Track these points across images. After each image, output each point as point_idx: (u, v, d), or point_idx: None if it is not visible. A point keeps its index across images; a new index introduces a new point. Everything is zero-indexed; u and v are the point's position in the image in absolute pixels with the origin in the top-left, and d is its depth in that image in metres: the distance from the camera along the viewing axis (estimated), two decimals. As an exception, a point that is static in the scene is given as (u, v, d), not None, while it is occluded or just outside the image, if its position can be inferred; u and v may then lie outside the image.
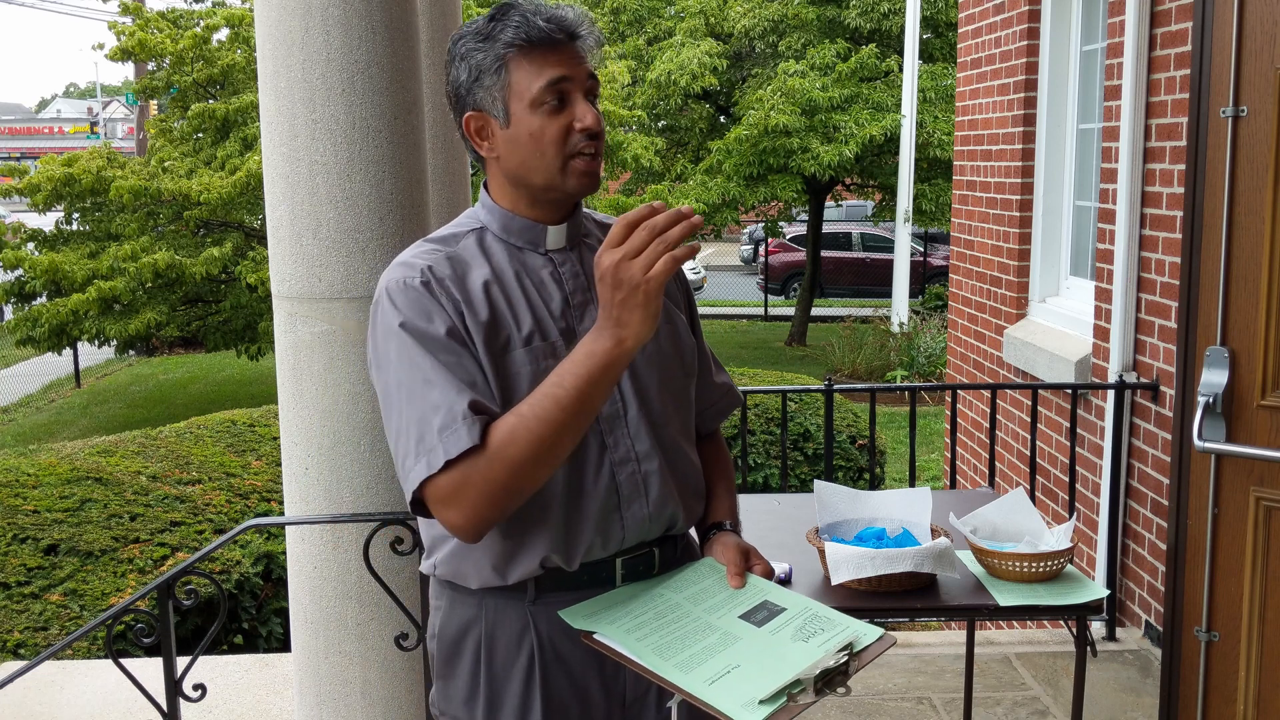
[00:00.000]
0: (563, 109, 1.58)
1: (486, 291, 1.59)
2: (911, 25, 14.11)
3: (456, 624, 1.69)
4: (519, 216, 1.65)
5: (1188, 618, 3.00)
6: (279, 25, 2.45)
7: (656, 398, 1.69)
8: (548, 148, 1.58)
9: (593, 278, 1.64)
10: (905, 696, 3.63)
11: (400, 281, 1.57)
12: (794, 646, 1.49)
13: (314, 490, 2.57)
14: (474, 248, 1.64)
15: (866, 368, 13.33)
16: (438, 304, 1.55)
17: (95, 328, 11.25)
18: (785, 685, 1.41)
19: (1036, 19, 4.93)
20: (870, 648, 1.51)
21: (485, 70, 1.58)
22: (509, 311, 1.60)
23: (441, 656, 1.72)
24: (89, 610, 4.29)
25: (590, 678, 1.68)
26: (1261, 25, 2.71)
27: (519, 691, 1.67)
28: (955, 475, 4.48)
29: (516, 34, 1.56)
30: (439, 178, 3.40)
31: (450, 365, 1.53)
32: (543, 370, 1.57)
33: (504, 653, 1.67)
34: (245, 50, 12.65)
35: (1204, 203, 2.87)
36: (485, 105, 1.60)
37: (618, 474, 1.65)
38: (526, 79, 1.57)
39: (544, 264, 1.66)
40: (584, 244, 1.71)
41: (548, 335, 1.61)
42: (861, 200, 21.83)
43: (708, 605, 1.61)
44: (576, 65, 1.58)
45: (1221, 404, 2.83)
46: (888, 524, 2.51)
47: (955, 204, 6.00)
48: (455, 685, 1.71)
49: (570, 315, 1.64)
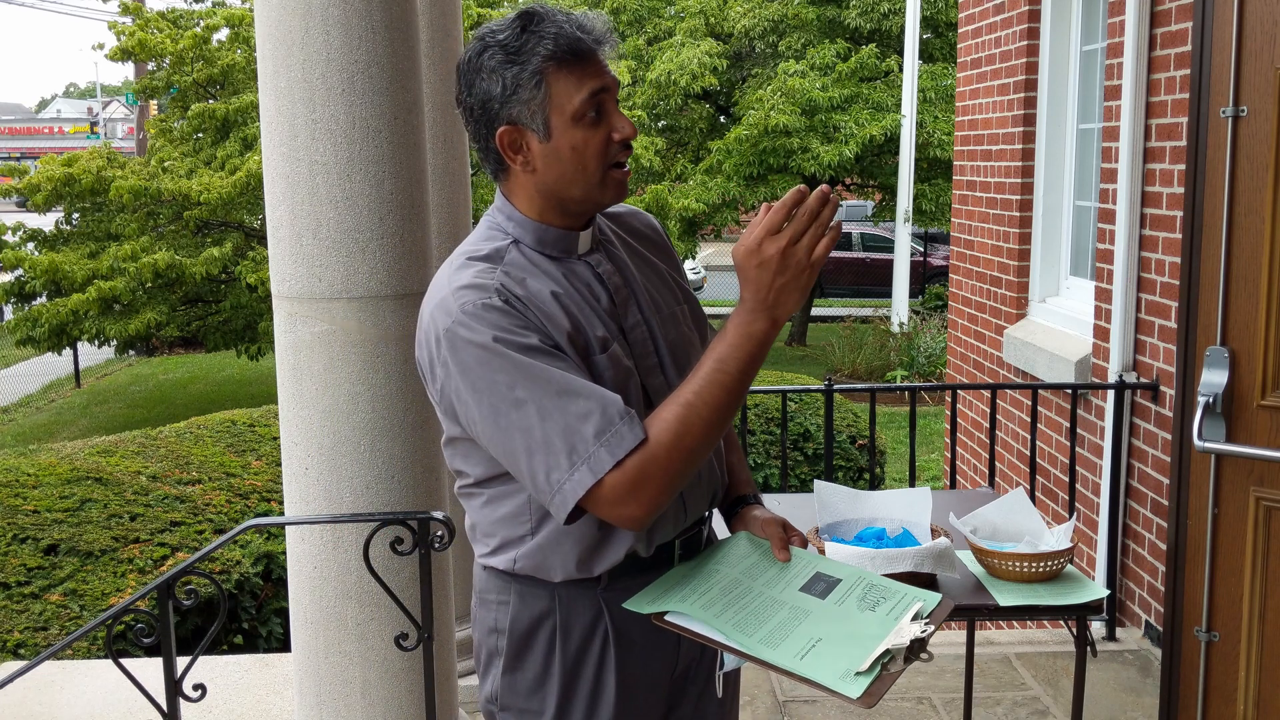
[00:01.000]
0: (600, 120, 1.58)
1: (559, 303, 1.58)
2: (911, 25, 14.11)
3: (529, 617, 1.69)
4: (552, 228, 1.64)
5: (1188, 618, 3.00)
6: (279, 25, 2.45)
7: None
8: (590, 161, 1.58)
9: (626, 273, 1.69)
10: (905, 696, 3.63)
11: (477, 304, 1.52)
12: (864, 617, 1.54)
13: (314, 490, 2.57)
14: (522, 262, 1.62)
15: (866, 368, 13.33)
16: (525, 320, 1.53)
17: (95, 328, 11.25)
18: (878, 657, 1.46)
19: (1036, 19, 4.93)
20: (935, 611, 1.56)
21: (523, 84, 1.55)
22: (583, 319, 1.60)
23: (511, 649, 1.71)
24: (89, 610, 4.29)
25: (655, 657, 1.72)
26: (1261, 25, 2.71)
27: (592, 676, 1.69)
28: (955, 475, 4.48)
29: (556, 46, 1.54)
30: (439, 178, 3.40)
31: (576, 371, 1.53)
32: (624, 370, 1.61)
33: (579, 640, 1.69)
34: (245, 50, 12.65)
35: (1204, 203, 2.87)
36: (523, 120, 1.57)
37: None
38: (567, 92, 1.55)
39: (585, 269, 1.67)
40: (604, 242, 1.73)
41: (614, 337, 1.63)
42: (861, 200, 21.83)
43: (765, 580, 1.63)
44: (606, 75, 1.59)
45: (1221, 404, 2.83)
46: (888, 524, 2.51)
47: (955, 204, 6.00)
48: (524, 677, 1.71)
49: (616, 315, 1.67)
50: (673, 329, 1.72)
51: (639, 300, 1.69)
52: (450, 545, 2.38)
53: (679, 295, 1.76)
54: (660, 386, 1.67)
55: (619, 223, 1.79)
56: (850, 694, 1.42)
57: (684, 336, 1.73)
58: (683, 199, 14.03)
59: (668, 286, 1.76)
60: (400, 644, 2.49)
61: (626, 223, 1.81)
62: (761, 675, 3.76)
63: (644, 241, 1.80)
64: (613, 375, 1.59)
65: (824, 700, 3.61)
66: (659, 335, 1.69)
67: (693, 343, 1.74)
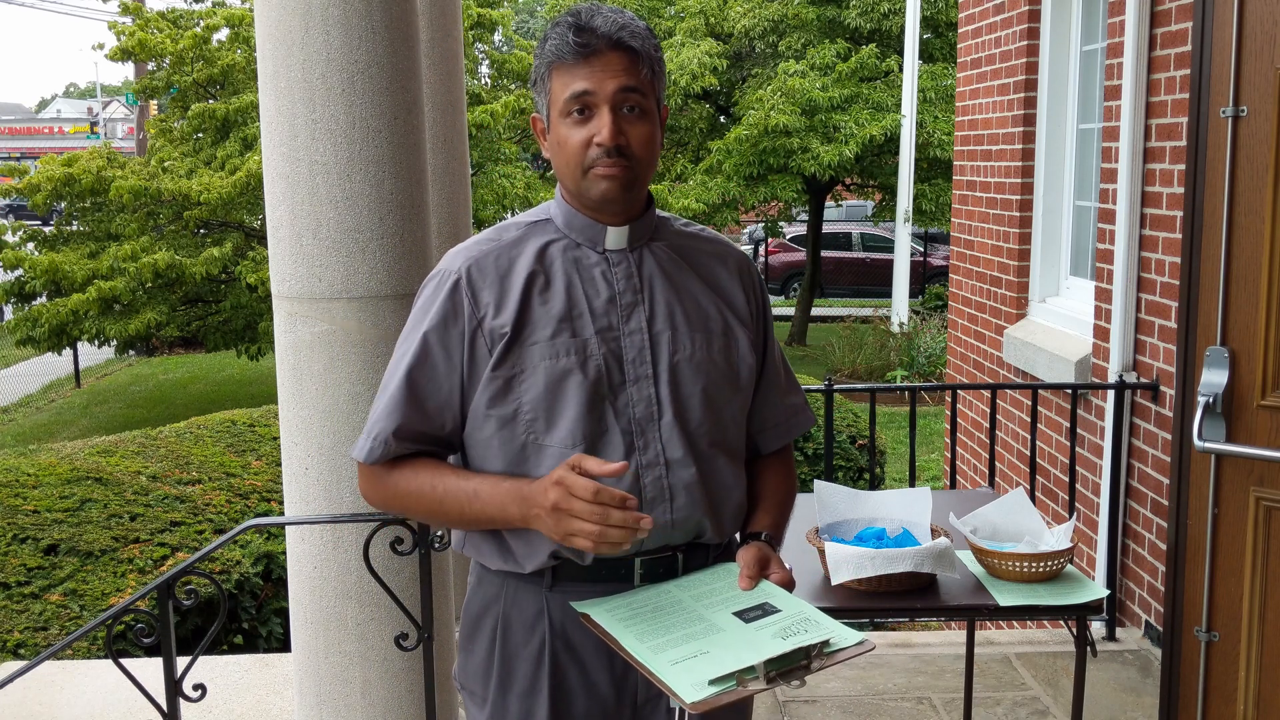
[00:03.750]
0: (588, 119, 1.62)
1: (527, 283, 1.67)
2: (911, 25, 14.10)
3: (480, 600, 1.76)
4: (580, 214, 1.71)
5: (1188, 618, 3.00)
6: (279, 25, 2.45)
7: (697, 406, 1.70)
8: (570, 157, 1.65)
9: (648, 280, 1.71)
10: (905, 696, 3.63)
11: (442, 274, 1.70)
12: (771, 643, 1.50)
13: (314, 490, 2.57)
14: (533, 239, 1.71)
15: (866, 368, 13.33)
16: (457, 307, 1.67)
17: (95, 328, 11.25)
18: (738, 670, 1.44)
19: (1036, 19, 4.93)
20: (844, 650, 1.52)
21: (537, 80, 1.68)
22: (541, 305, 1.66)
23: (464, 630, 1.79)
24: (89, 610, 4.28)
25: (600, 671, 1.71)
26: (1261, 25, 2.71)
27: (529, 673, 1.71)
28: (955, 475, 4.48)
29: (554, 48, 1.63)
30: (439, 178, 3.40)
31: (421, 378, 1.68)
32: (560, 368, 1.63)
33: (518, 634, 1.72)
34: (245, 50, 12.65)
35: (1204, 203, 2.87)
36: (540, 109, 1.70)
37: (643, 476, 1.67)
38: (559, 90, 1.64)
39: (598, 262, 1.70)
40: (648, 247, 1.74)
41: (579, 332, 1.65)
42: (861, 200, 21.82)
43: (708, 602, 1.62)
44: (606, 78, 1.61)
45: (1221, 404, 2.83)
46: (888, 524, 2.51)
47: (955, 204, 6.00)
48: (473, 660, 1.77)
49: (614, 314, 1.68)
50: (688, 352, 1.70)
51: (654, 311, 1.69)
52: (450, 545, 2.38)
53: (720, 328, 1.74)
54: (647, 399, 1.67)
55: (689, 243, 1.79)
56: (684, 697, 1.40)
57: (700, 365, 1.71)
58: (683, 199, 14.03)
59: (707, 315, 1.74)
60: (400, 644, 2.49)
61: (698, 248, 1.79)
62: (761, 675, 3.76)
63: (706, 270, 1.78)
64: (546, 366, 1.64)
65: (824, 700, 3.61)
66: (663, 351, 1.69)
67: (712, 374, 1.72)
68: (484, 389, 1.65)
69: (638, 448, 1.66)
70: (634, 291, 1.69)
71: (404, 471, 1.70)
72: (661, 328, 1.69)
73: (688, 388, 1.69)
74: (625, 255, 1.71)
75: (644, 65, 1.63)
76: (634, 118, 1.63)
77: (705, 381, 1.70)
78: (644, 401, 1.67)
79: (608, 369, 1.65)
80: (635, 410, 1.66)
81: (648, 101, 1.64)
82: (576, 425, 1.63)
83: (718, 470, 1.73)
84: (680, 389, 1.68)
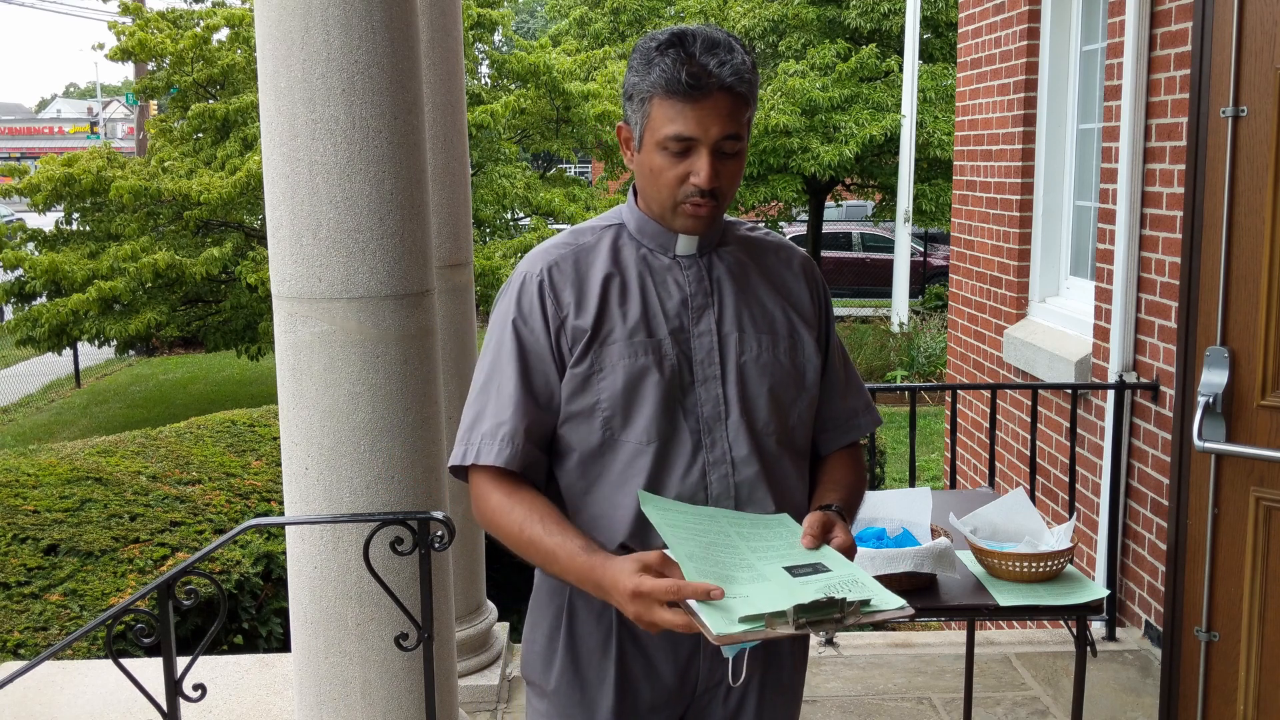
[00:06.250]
0: (685, 157, 1.65)
1: (604, 286, 1.71)
2: (911, 25, 14.11)
3: (546, 590, 1.79)
4: (652, 221, 1.74)
5: (1188, 618, 3.00)
6: (279, 25, 2.45)
7: (764, 406, 1.73)
8: (663, 188, 1.68)
9: (717, 284, 1.75)
10: (905, 696, 3.63)
11: (524, 276, 1.74)
12: (804, 590, 1.51)
13: (314, 490, 2.57)
14: (607, 243, 1.76)
15: (866, 368, 13.33)
16: (543, 306, 1.71)
17: (95, 328, 11.25)
18: (768, 612, 1.44)
19: (1036, 19, 4.93)
20: (882, 611, 1.52)
21: (635, 96, 1.68)
22: (619, 306, 1.71)
23: (529, 620, 1.82)
24: (89, 610, 4.28)
25: (665, 661, 1.74)
26: (1261, 25, 2.71)
27: (594, 664, 1.74)
28: (955, 475, 4.48)
29: (661, 79, 1.62)
30: (439, 178, 3.39)
31: (530, 370, 1.69)
32: (638, 366, 1.68)
33: (585, 624, 1.74)
34: (245, 50, 12.65)
35: (1204, 203, 2.87)
36: (631, 123, 1.70)
37: (710, 474, 1.70)
38: (660, 122, 1.64)
39: (670, 266, 1.75)
40: (716, 252, 1.77)
41: (655, 332, 1.70)
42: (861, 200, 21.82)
43: (762, 554, 1.61)
44: (711, 123, 1.62)
45: (1221, 404, 2.83)
46: (888, 524, 2.51)
47: (955, 204, 6.00)
48: (535, 649, 1.80)
49: (686, 316, 1.72)
50: (754, 353, 1.73)
51: (722, 314, 1.73)
52: (450, 545, 2.38)
53: (786, 330, 1.77)
54: (715, 399, 1.71)
55: (754, 247, 1.82)
56: (712, 629, 1.42)
57: (766, 366, 1.74)
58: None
59: (773, 317, 1.77)
60: (400, 644, 2.49)
61: (763, 251, 1.83)
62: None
63: (772, 273, 1.81)
64: (626, 364, 1.68)
65: (824, 700, 3.61)
66: (730, 352, 1.72)
67: (778, 375, 1.75)
68: (565, 385, 1.70)
69: (705, 446, 1.70)
70: (705, 294, 1.74)
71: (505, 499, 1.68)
72: (730, 329, 1.73)
73: (754, 388, 1.73)
74: (695, 260, 1.75)
75: (748, 107, 1.66)
76: (729, 158, 1.66)
77: (771, 382, 1.74)
78: (712, 401, 1.71)
79: (679, 368, 1.70)
80: (703, 409, 1.70)
81: (744, 141, 1.67)
82: (652, 423, 1.68)
83: (783, 469, 1.76)
84: (747, 389, 1.72)
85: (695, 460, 1.69)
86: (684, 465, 1.69)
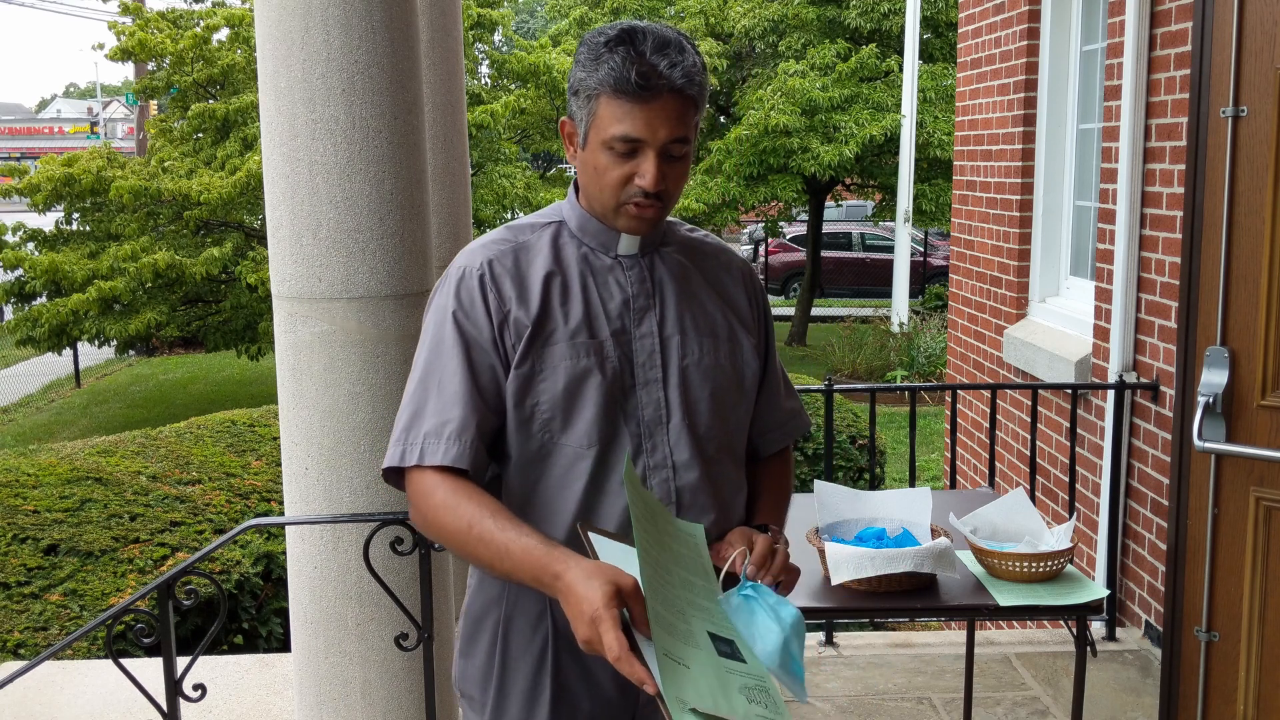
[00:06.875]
0: (631, 158, 1.61)
1: (545, 284, 1.67)
2: (911, 25, 14.10)
3: (481, 602, 1.74)
4: (594, 219, 1.71)
5: (1188, 618, 3.00)
6: (279, 25, 2.45)
7: (705, 410, 1.71)
8: (607, 188, 1.64)
9: (659, 285, 1.72)
10: (905, 696, 3.63)
11: (463, 270, 1.68)
12: (736, 696, 1.47)
13: (314, 490, 2.57)
14: (547, 240, 1.71)
15: (866, 368, 13.33)
16: (485, 299, 1.65)
17: (95, 328, 11.25)
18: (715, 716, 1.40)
19: (1036, 19, 4.93)
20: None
21: (581, 92, 1.62)
22: (561, 306, 1.66)
23: (465, 633, 1.77)
24: (89, 610, 4.28)
25: (604, 671, 1.70)
26: (1261, 25, 2.71)
27: (530, 676, 1.69)
28: (955, 475, 4.48)
29: (609, 76, 1.58)
30: (439, 178, 3.40)
31: (475, 364, 1.63)
32: (580, 368, 1.63)
33: (521, 636, 1.70)
34: (245, 50, 12.65)
35: (1204, 203, 2.87)
36: (576, 119, 1.66)
37: (650, 479, 1.67)
38: (607, 121, 1.60)
39: (611, 266, 1.71)
40: (658, 252, 1.75)
41: (597, 334, 1.66)
42: (861, 200, 21.82)
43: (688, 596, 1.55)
44: (660, 125, 1.58)
45: (1221, 404, 2.83)
46: (888, 524, 2.51)
47: (955, 204, 6.00)
48: (473, 664, 1.75)
49: (628, 317, 1.69)
50: (696, 357, 1.71)
51: (664, 316, 1.71)
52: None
53: (727, 334, 1.75)
54: (656, 402, 1.68)
55: (695, 250, 1.80)
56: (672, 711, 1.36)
57: (708, 370, 1.71)
58: (683, 199, 14.04)
59: (713, 321, 1.75)
60: (400, 644, 2.49)
61: (703, 253, 1.81)
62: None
63: (712, 276, 1.79)
64: (568, 365, 1.64)
65: (824, 700, 3.61)
66: (673, 355, 1.69)
67: (719, 379, 1.72)
68: (507, 385, 1.65)
69: (645, 450, 1.67)
70: (647, 296, 1.70)
71: (451, 495, 1.59)
72: (671, 332, 1.70)
73: (696, 391, 1.70)
74: (637, 260, 1.72)
75: (697, 110, 1.63)
76: (675, 160, 1.63)
77: (713, 386, 1.72)
78: (653, 404, 1.68)
79: (621, 371, 1.67)
80: (645, 413, 1.67)
81: (691, 144, 1.64)
82: (593, 426, 1.64)
83: (723, 473, 1.74)
84: (689, 393, 1.70)
85: (636, 465, 1.66)
86: (625, 470, 1.64)
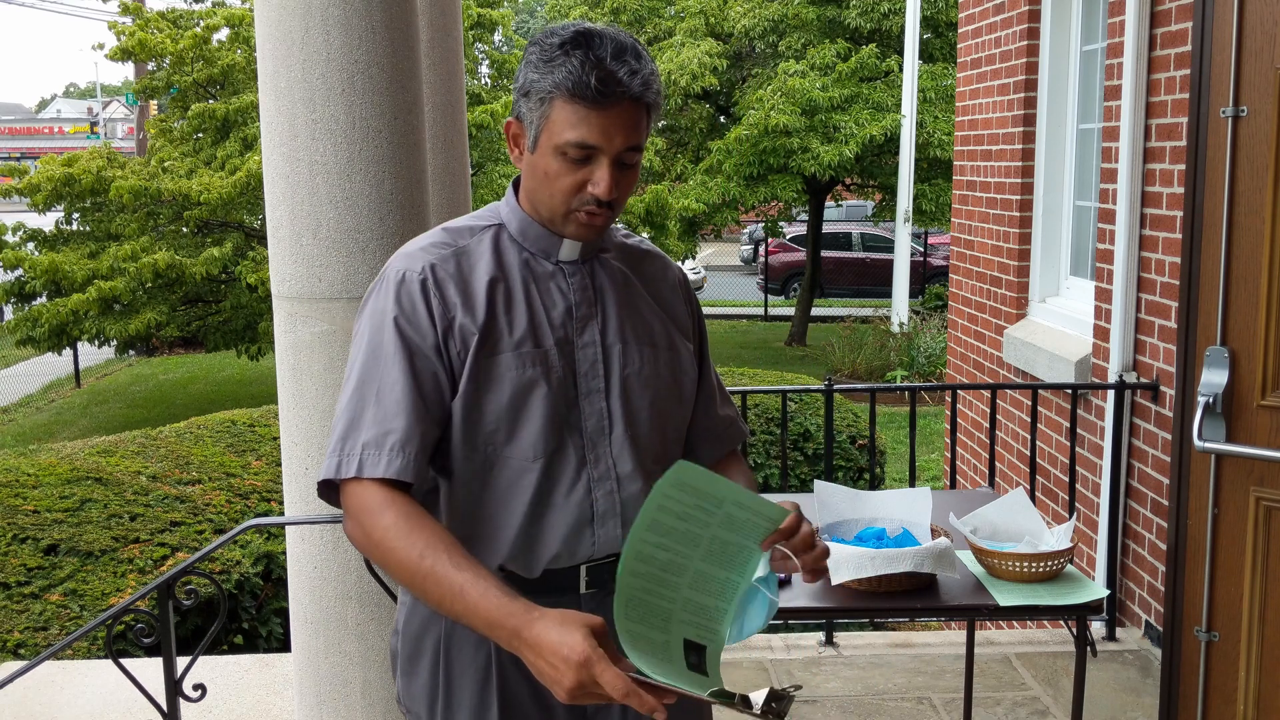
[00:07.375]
0: (584, 165, 1.57)
1: (490, 290, 1.61)
2: (911, 25, 14.11)
3: (420, 619, 1.69)
4: (536, 224, 1.66)
5: (1188, 618, 3.00)
6: (279, 25, 2.45)
7: (646, 420, 1.68)
8: (556, 194, 1.59)
9: (600, 293, 1.68)
10: (905, 696, 3.63)
11: (402, 274, 1.61)
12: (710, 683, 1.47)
13: (314, 490, 2.57)
14: (487, 245, 1.66)
15: (866, 368, 13.33)
16: (427, 303, 1.59)
17: (95, 328, 11.25)
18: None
19: (1036, 19, 4.93)
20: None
21: (533, 93, 1.57)
22: (505, 314, 1.61)
23: (405, 652, 1.72)
24: (89, 610, 4.28)
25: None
26: (1261, 25, 2.71)
27: (476, 692, 1.65)
28: (955, 475, 4.48)
29: (567, 80, 1.53)
30: (439, 178, 3.40)
31: (418, 373, 1.56)
32: (526, 378, 1.59)
33: (463, 652, 1.66)
34: (245, 50, 12.65)
35: (1204, 203, 2.87)
36: (525, 121, 1.60)
37: (595, 490, 1.64)
38: (561, 126, 1.55)
39: (553, 273, 1.66)
40: (598, 259, 1.71)
41: (541, 342, 1.61)
42: (861, 200, 21.82)
43: (692, 596, 1.50)
44: (616, 132, 1.55)
45: (1221, 404, 2.83)
46: (888, 524, 2.51)
47: (955, 204, 6.00)
48: (418, 682, 1.70)
49: (570, 326, 1.65)
50: (637, 366, 1.68)
51: (606, 325, 1.67)
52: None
53: (666, 342, 1.73)
54: (599, 412, 1.65)
55: (632, 257, 1.77)
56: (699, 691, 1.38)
57: (649, 379, 1.69)
58: (683, 199, 14.03)
59: (652, 329, 1.72)
60: (400, 644, 2.49)
61: (640, 261, 1.78)
62: (758, 672, 3.76)
63: (650, 284, 1.77)
64: (514, 376, 1.59)
65: (824, 700, 3.61)
66: (615, 365, 1.66)
67: (659, 388, 1.70)
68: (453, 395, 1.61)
69: (589, 461, 1.64)
70: (589, 304, 1.67)
71: (403, 521, 1.50)
72: (613, 341, 1.67)
73: (637, 401, 1.67)
74: (579, 267, 1.68)
75: (652, 119, 1.60)
76: (628, 168, 1.60)
77: (653, 395, 1.69)
78: (596, 415, 1.64)
79: (565, 381, 1.63)
80: (587, 424, 1.64)
81: (642, 151, 1.61)
82: (539, 438, 1.60)
83: None
84: (631, 402, 1.66)
85: (580, 477, 1.62)
86: (569, 482, 1.62)
